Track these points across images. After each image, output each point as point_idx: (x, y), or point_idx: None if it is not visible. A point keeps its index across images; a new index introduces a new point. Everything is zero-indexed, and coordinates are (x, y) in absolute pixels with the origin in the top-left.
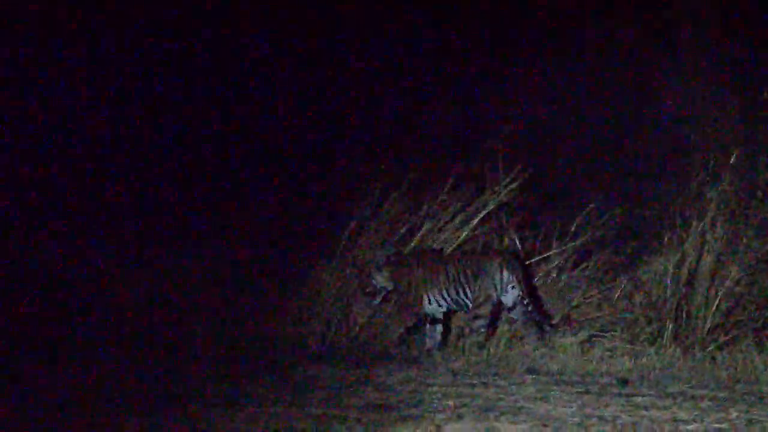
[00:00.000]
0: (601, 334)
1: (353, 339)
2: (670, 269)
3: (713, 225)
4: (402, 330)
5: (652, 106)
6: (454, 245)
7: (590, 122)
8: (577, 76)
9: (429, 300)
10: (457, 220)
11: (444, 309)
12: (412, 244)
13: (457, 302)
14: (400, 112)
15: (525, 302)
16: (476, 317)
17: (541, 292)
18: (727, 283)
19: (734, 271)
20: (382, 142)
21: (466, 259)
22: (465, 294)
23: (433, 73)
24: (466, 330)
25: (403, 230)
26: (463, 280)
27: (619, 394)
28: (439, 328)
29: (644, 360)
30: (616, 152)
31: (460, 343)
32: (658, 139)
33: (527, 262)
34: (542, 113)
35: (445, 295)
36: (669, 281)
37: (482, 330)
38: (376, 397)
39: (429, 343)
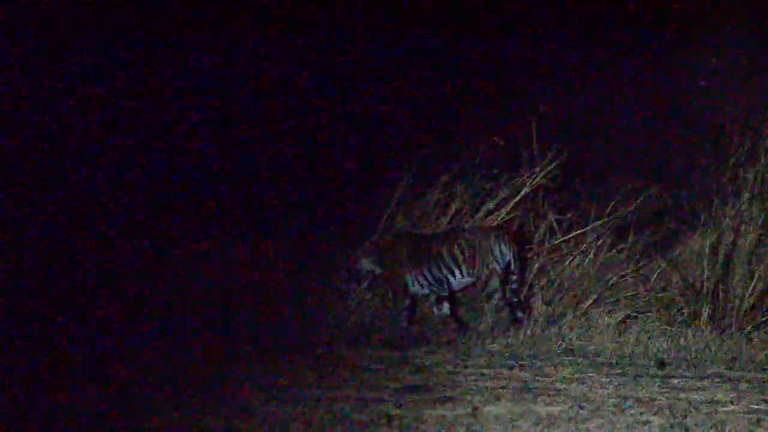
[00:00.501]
0: (638, 315)
1: (390, 321)
2: (707, 250)
3: (750, 205)
4: (404, 311)
5: (689, 86)
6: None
7: (627, 102)
8: (614, 56)
9: (411, 281)
10: (492, 204)
11: (426, 290)
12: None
13: (438, 280)
14: (437, 95)
15: (514, 278)
16: (490, 294)
17: (576, 272)
18: (765, 263)
19: None
20: (418, 125)
21: (453, 236)
22: (449, 271)
23: (469, 56)
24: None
25: (438, 214)
26: (448, 260)
27: (656, 376)
28: (446, 303)
29: (681, 341)
30: (653, 132)
31: (496, 325)
32: (695, 119)
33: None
34: (579, 93)
35: (427, 275)
36: (706, 262)
37: (500, 303)
38: (413, 379)
39: (440, 317)
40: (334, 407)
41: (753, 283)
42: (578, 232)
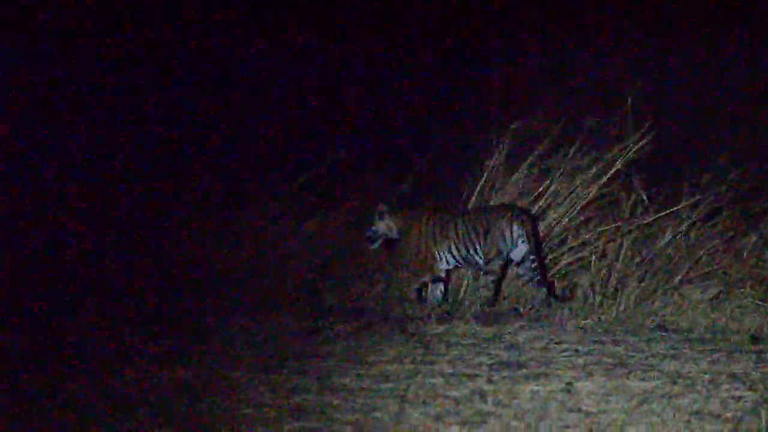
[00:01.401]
0: (731, 290)
1: (482, 297)
2: None
3: None
4: (417, 286)
5: None
6: (582, 203)
7: (721, 77)
8: (707, 30)
9: (439, 256)
10: (580, 180)
11: (451, 266)
12: (540, 203)
13: (466, 259)
14: (531, 68)
15: (532, 258)
16: (487, 272)
17: (668, 249)
18: None
19: None
20: (507, 101)
21: (475, 215)
22: (475, 251)
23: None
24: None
25: (530, 190)
26: (473, 236)
27: (750, 351)
28: (441, 286)
29: None
30: (747, 107)
31: (589, 301)
32: None
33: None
34: (671, 67)
35: (455, 252)
36: None
37: (491, 285)
38: (506, 355)
39: (431, 302)
40: (428, 383)
41: None
42: (671, 210)
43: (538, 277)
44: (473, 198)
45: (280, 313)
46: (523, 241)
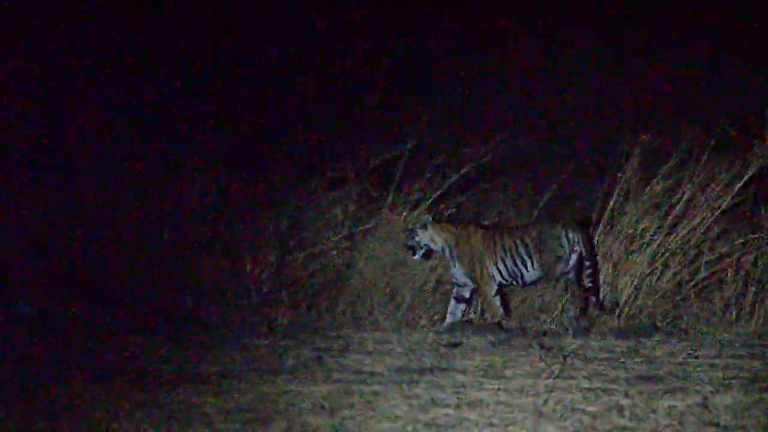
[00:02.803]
0: None
1: (620, 312)
2: None
3: None
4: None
5: None
6: (717, 209)
7: None
8: None
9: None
10: (714, 189)
11: (497, 281)
12: (675, 211)
13: (513, 274)
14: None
15: (587, 264)
16: (558, 279)
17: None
18: None
19: None
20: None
21: (523, 228)
22: (524, 264)
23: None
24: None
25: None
26: (521, 251)
27: None
28: (462, 306)
29: None
30: None
31: (727, 315)
32: None
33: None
34: None
35: (501, 267)
36: None
37: (578, 302)
38: (644, 369)
39: (449, 319)
40: (565, 397)
41: None
42: None
43: (590, 284)
44: (606, 211)
45: (417, 327)
46: (576, 248)
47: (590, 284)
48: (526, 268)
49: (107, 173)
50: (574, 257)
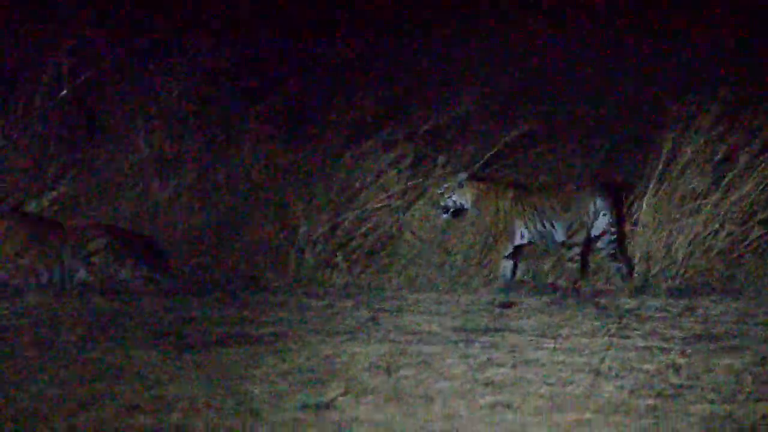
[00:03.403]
0: None
1: (676, 271)
2: None
3: None
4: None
5: None
6: None
7: None
8: None
9: (515, 230)
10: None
11: (525, 240)
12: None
13: (541, 234)
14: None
15: (612, 231)
16: (571, 246)
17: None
18: None
19: None
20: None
21: (554, 190)
22: (552, 225)
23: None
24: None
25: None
26: (549, 212)
27: None
28: (511, 264)
29: None
30: None
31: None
32: None
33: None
34: None
35: (530, 227)
36: None
37: (577, 258)
38: (699, 328)
39: (500, 279)
40: (621, 356)
41: None
42: None
43: (616, 251)
44: (655, 172)
45: (470, 287)
46: (604, 214)
47: (612, 251)
48: (555, 229)
49: (165, 141)
50: (599, 224)
